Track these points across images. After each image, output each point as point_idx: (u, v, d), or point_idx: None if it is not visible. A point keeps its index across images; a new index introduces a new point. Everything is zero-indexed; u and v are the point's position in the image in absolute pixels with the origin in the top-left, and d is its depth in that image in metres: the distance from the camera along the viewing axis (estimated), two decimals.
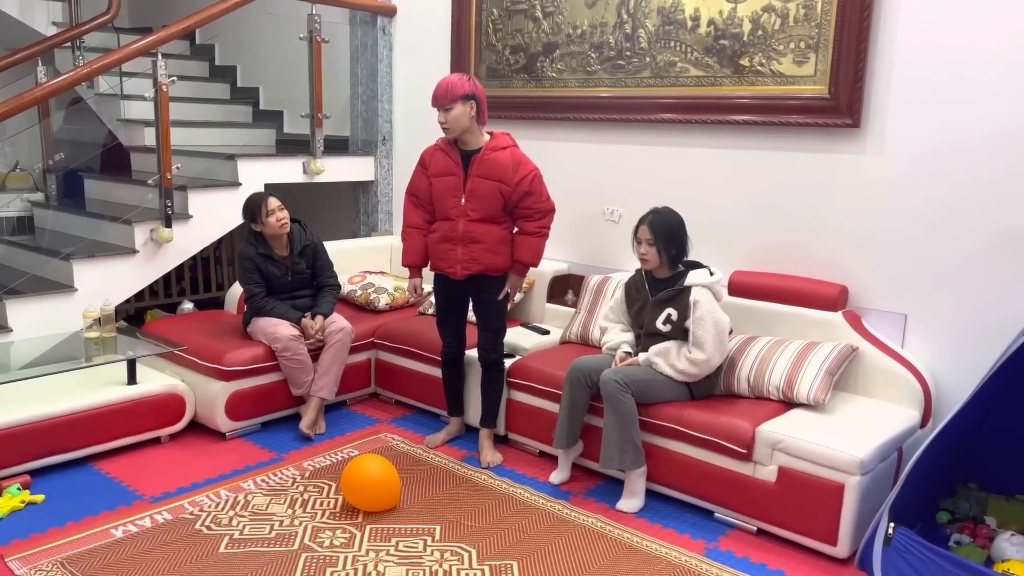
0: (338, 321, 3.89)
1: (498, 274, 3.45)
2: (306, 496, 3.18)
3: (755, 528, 3.01)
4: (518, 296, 4.16)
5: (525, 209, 3.36)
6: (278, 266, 3.83)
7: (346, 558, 2.75)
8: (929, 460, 2.58)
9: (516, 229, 3.43)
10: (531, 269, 3.57)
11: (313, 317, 3.84)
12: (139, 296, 5.04)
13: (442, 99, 3.26)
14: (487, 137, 3.38)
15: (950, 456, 2.92)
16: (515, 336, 3.92)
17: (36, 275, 4.02)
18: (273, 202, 3.75)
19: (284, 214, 3.77)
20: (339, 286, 4.07)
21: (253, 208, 3.75)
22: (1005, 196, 3.05)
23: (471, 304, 3.58)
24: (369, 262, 4.82)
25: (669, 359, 3.17)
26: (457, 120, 3.27)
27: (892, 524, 2.43)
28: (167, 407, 3.63)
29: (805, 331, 3.38)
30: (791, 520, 2.90)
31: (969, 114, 3.09)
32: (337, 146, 5.08)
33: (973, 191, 3.11)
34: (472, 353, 3.65)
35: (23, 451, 3.22)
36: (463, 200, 3.35)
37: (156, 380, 3.65)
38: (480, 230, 3.36)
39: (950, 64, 3.12)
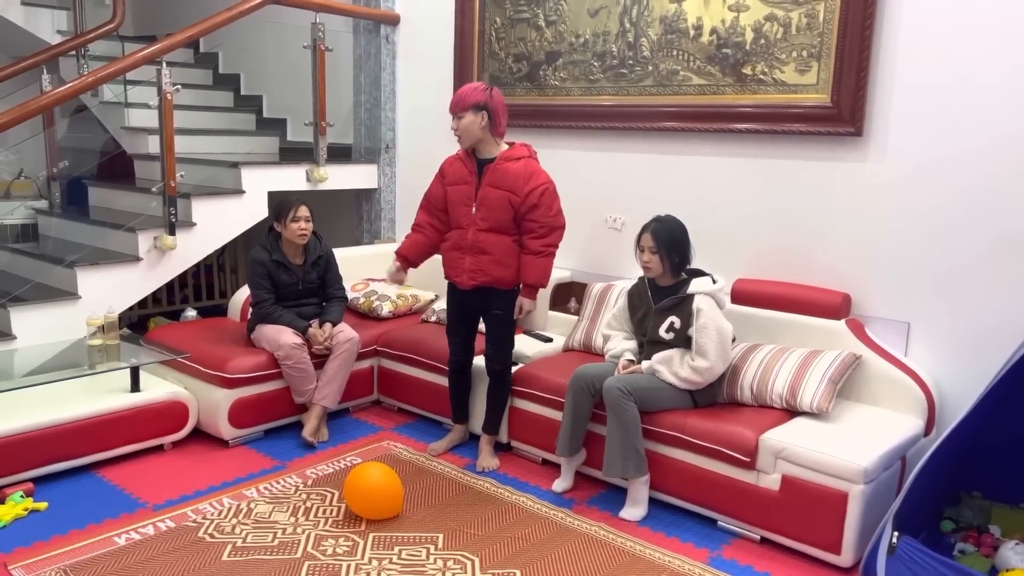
0: (346, 331, 3.89)
1: (506, 287, 3.43)
2: (309, 504, 3.18)
3: (758, 537, 3.00)
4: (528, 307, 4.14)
5: (531, 223, 3.33)
6: (290, 274, 3.84)
7: (349, 566, 2.75)
8: (933, 468, 2.58)
9: (522, 248, 3.38)
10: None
11: (321, 325, 3.85)
12: (142, 303, 5.05)
13: (455, 107, 3.30)
14: (504, 147, 3.38)
15: (954, 465, 2.91)
16: (518, 344, 3.90)
17: (40, 282, 4.03)
18: (303, 211, 3.78)
19: (308, 226, 3.79)
20: (347, 298, 4.14)
21: (282, 207, 3.78)
22: (1008, 203, 3.05)
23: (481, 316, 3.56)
24: (372, 270, 4.81)
25: (672, 367, 3.17)
26: (467, 129, 3.29)
27: (896, 533, 2.42)
28: (170, 415, 3.63)
29: (808, 339, 3.38)
30: (795, 529, 2.89)
31: (971, 121, 3.10)
32: (340, 154, 5.10)
33: (976, 198, 3.11)
34: (479, 361, 3.66)
35: (26, 458, 3.22)
36: (474, 209, 3.35)
37: (159, 388, 3.66)
38: (488, 240, 3.35)
39: (952, 71, 3.12)
